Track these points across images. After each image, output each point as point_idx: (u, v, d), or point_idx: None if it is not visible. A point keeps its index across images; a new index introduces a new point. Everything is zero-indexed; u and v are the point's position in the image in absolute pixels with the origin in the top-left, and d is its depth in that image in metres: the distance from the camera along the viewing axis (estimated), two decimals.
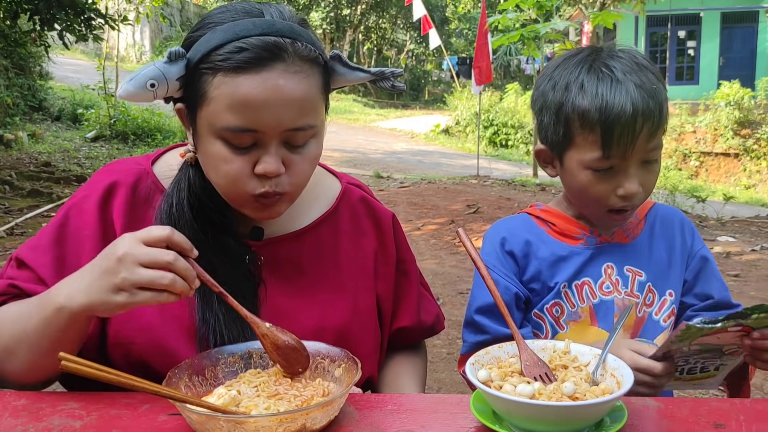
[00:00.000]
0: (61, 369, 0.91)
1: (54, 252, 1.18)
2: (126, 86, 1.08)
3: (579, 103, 1.21)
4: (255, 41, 1.05)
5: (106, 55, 13.10)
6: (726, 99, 15.77)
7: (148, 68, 1.08)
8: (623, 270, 1.33)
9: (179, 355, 1.12)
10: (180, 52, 1.08)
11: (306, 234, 1.28)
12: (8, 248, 5.62)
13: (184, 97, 1.13)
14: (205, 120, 1.09)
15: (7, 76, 11.68)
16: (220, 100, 1.06)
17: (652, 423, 1.00)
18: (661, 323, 1.33)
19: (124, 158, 1.33)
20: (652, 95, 1.19)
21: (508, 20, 10.38)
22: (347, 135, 16.23)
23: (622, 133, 1.17)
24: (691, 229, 1.40)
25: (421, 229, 7.14)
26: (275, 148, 1.09)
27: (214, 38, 1.07)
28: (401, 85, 1.22)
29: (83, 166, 9.87)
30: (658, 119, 1.19)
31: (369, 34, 27.86)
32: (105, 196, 1.21)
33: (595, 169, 1.23)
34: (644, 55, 1.27)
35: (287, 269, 1.26)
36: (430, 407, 1.06)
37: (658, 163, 1.26)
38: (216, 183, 1.15)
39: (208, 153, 1.12)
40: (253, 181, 1.10)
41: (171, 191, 1.19)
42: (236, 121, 1.06)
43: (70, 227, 1.20)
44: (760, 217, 8.61)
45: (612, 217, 1.28)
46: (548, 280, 1.33)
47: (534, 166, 11.78)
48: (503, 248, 1.35)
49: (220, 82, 1.06)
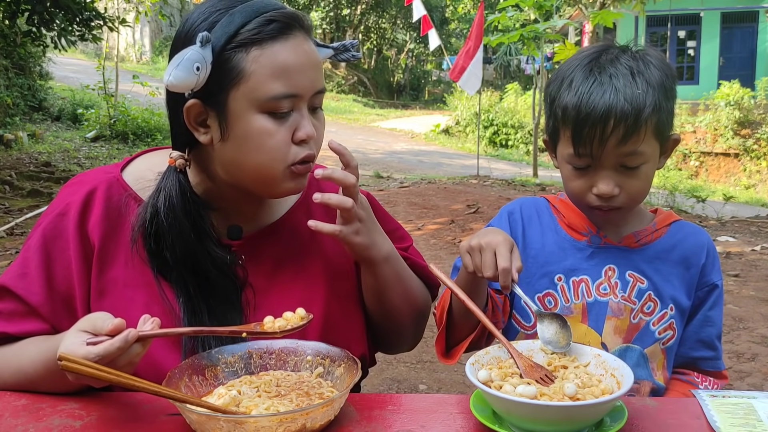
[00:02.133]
0: (63, 369, 0.91)
1: (43, 278, 1.16)
2: (175, 73, 1.07)
3: (563, 98, 1.24)
4: (277, 14, 1.11)
5: (106, 55, 13.10)
6: (726, 99, 15.77)
7: (188, 53, 1.07)
8: (625, 274, 1.32)
9: (166, 368, 1.09)
10: (209, 36, 1.08)
11: (281, 225, 1.29)
12: (8, 248, 5.63)
13: (204, 88, 1.11)
14: (244, 97, 1.10)
15: (7, 76, 11.68)
16: (261, 71, 1.09)
17: (652, 423, 1.01)
18: (657, 334, 1.32)
19: (90, 170, 1.31)
20: (631, 100, 1.17)
21: (507, 19, 10.38)
22: (347, 135, 16.23)
23: (590, 133, 1.19)
24: (714, 258, 1.38)
25: (422, 229, 7.13)
26: (307, 113, 1.15)
27: (235, 19, 1.10)
28: (358, 54, 1.27)
29: (83, 166, 9.87)
30: (633, 125, 1.17)
31: (369, 34, 27.84)
32: (81, 212, 1.19)
33: (572, 165, 1.26)
34: (658, 60, 1.25)
35: (268, 264, 1.26)
36: (430, 407, 1.06)
37: (645, 169, 1.23)
38: (255, 164, 1.13)
39: (249, 132, 1.11)
40: (294, 149, 1.14)
41: (158, 200, 1.16)
42: (281, 87, 1.10)
43: (55, 250, 1.17)
44: (760, 217, 8.60)
45: (595, 212, 1.29)
46: (543, 266, 1.34)
47: (534, 166, 11.77)
48: (509, 216, 1.41)
49: (257, 55, 1.09)
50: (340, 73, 25.70)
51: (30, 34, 8.57)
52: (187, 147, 1.19)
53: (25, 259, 1.17)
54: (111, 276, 1.18)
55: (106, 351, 0.96)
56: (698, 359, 1.37)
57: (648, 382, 1.32)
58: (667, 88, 1.23)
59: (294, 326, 1.07)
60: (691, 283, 1.35)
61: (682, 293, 1.34)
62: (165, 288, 1.17)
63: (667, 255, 1.34)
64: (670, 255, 1.34)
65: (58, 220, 1.19)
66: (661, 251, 1.34)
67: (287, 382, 1.09)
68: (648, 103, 1.18)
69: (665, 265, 1.34)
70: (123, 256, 1.19)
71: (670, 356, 1.35)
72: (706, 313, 1.36)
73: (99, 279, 1.17)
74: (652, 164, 1.25)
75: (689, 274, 1.35)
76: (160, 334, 1.03)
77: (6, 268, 1.22)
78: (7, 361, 1.13)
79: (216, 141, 1.14)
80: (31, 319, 1.15)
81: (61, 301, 1.16)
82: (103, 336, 0.99)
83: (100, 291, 1.17)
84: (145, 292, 1.17)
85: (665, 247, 1.35)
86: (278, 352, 1.15)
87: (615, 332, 1.31)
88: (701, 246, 1.37)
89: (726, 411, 1.03)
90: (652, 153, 1.23)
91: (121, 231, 1.19)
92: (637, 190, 1.25)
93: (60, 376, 0.98)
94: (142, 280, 1.17)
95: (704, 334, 1.36)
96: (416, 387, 3.39)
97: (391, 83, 29.04)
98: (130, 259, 1.18)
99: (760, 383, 3.39)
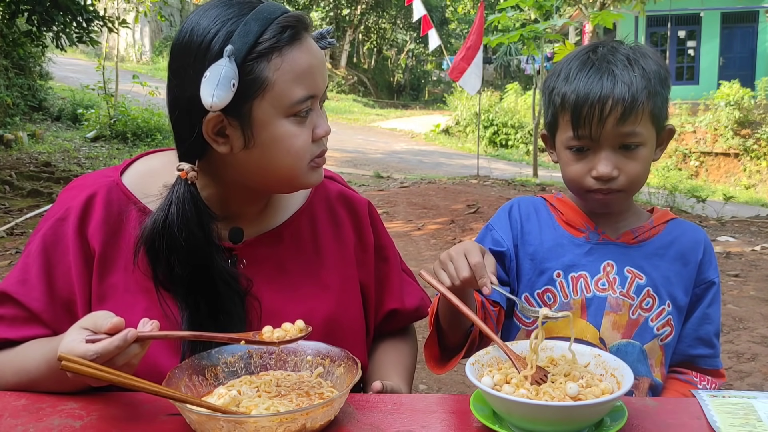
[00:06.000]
0: (63, 369, 0.91)
1: (44, 284, 1.15)
2: (218, 93, 1.05)
3: (562, 87, 1.28)
4: (288, 19, 1.12)
5: (106, 55, 13.10)
6: (726, 99, 15.78)
7: (222, 70, 1.05)
8: (623, 270, 1.33)
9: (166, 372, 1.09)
10: (234, 50, 1.07)
11: (284, 231, 1.29)
12: (8, 248, 5.63)
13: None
14: (270, 105, 1.11)
15: (7, 76, 11.68)
16: (285, 78, 1.11)
17: (652, 423, 1.01)
18: (655, 330, 1.33)
19: (89, 173, 1.30)
20: (629, 83, 1.21)
21: (507, 19, 10.38)
22: (347, 135, 16.23)
23: (589, 113, 1.22)
24: (711, 255, 1.39)
25: (422, 229, 7.13)
26: (320, 110, 1.19)
27: (252, 28, 1.09)
28: (334, 41, 1.28)
29: (83, 166, 9.88)
30: (630, 105, 1.20)
31: (369, 34, 27.86)
32: (81, 218, 1.18)
33: (571, 149, 1.28)
34: (652, 53, 1.29)
35: (269, 268, 1.25)
36: (430, 407, 1.06)
37: (643, 152, 1.25)
38: (282, 166, 1.15)
39: (276, 137, 1.13)
40: (313, 147, 1.18)
41: (170, 213, 1.13)
42: (303, 90, 1.13)
43: (55, 255, 1.17)
44: (760, 217, 8.61)
45: (593, 197, 1.29)
46: (542, 262, 1.35)
47: (534, 166, 11.77)
48: (509, 213, 1.43)
49: (278, 63, 1.10)
50: (340, 73, 25.69)
51: (30, 34, 8.57)
52: (197, 158, 1.16)
53: (26, 264, 1.17)
54: (112, 281, 1.17)
55: (104, 349, 0.97)
56: (696, 357, 1.38)
57: (647, 379, 1.33)
58: (662, 77, 1.26)
59: (292, 338, 1.07)
60: (689, 280, 1.36)
61: (680, 290, 1.35)
62: (164, 294, 1.17)
63: (664, 252, 1.35)
64: (667, 252, 1.35)
65: (57, 225, 1.18)
66: (658, 248, 1.35)
67: (287, 382, 1.09)
68: (644, 87, 1.22)
69: (663, 262, 1.35)
70: (123, 261, 1.18)
71: (667, 353, 1.36)
72: (704, 311, 1.37)
73: (100, 284, 1.17)
74: (649, 150, 1.27)
75: (686, 270, 1.36)
76: (159, 336, 1.03)
77: (6, 267, 1.22)
78: (9, 361, 1.13)
79: (237, 149, 1.13)
80: (32, 325, 1.15)
81: (61, 306, 1.16)
82: (102, 334, 0.99)
83: (101, 296, 1.16)
84: (146, 297, 1.17)
85: (662, 243, 1.36)
86: (278, 353, 1.15)
87: (613, 327, 1.31)
88: (698, 243, 1.38)
89: (726, 411, 1.03)
90: (649, 137, 1.26)
91: (122, 236, 1.19)
92: (636, 173, 1.26)
93: (62, 375, 0.98)
94: (142, 285, 1.17)
95: (702, 332, 1.37)
96: (416, 387, 3.39)
97: (391, 83, 29.06)
98: (131, 264, 1.17)
99: (760, 383, 3.39)
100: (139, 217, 1.19)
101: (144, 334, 1.00)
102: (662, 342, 1.34)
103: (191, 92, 1.08)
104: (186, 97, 1.11)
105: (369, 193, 9.17)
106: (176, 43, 1.14)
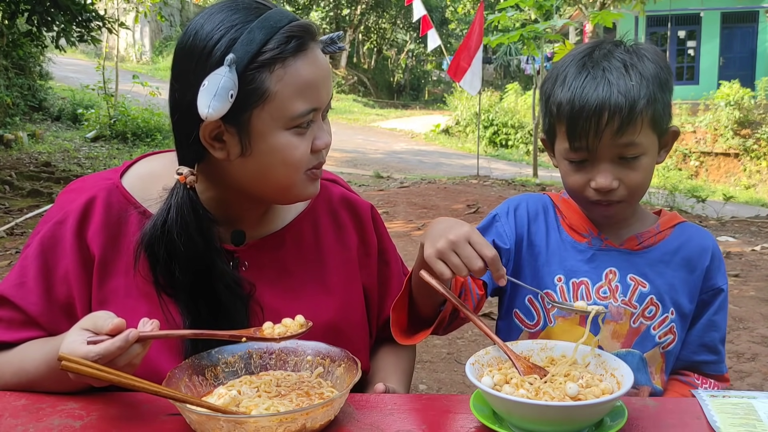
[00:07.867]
0: (63, 369, 0.91)
1: (41, 287, 1.15)
2: (214, 104, 1.04)
3: (557, 95, 1.23)
4: (294, 28, 1.10)
5: (106, 55, 13.10)
6: (726, 99, 15.77)
7: (221, 80, 1.04)
8: (626, 278, 1.30)
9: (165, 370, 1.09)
10: (236, 59, 1.06)
11: (286, 234, 1.28)
12: (8, 248, 5.62)
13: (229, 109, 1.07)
14: (270, 116, 1.09)
15: (7, 76, 11.67)
16: (286, 90, 1.08)
17: (652, 423, 1.00)
18: (657, 339, 1.30)
19: (89, 175, 1.29)
20: (624, 93, 1.16)
21: (507, 19, 10.37)
22: (347, 135, 16.21)
23: (584, 126, 1.18)
24: (719, 261, 1.36)
25: (422, 229, 7.13)
26: (322, 122, 1.16)
27: (256, 37, 1.07)
28: (344, 45, 1.26)
29: (83, 166, 9.87)
30: (627, 117, 1.16)
31: (369, 34, 27.85)
32: (80, 221, 1.17)
33: (569, 160, 1.25)
34: (652, 53, 1.24)
35: (272, 271, 1.25)
36: (430, 407, 1.06)
37: (644, 161, 1.22)
38: (278, 175, 1.13)
39: (273, 148, 1.11)
40: (312, 158, 1.16)
41: (169, 218, 1.13)
42: (305, 104, 1.11)
43: (53, 259, 1.16)
44: (760, 217, 8.60)
45: (596, 207, 1.27)
46: (545, 264, 1.33)
47: (534, 166, 11.77)
48: (516, 210, 1.39)
49: (281, 75, 1.08)
50: (340, 73, 25.68)
51: (30, 35, 8.57)
52: (196, 161, 1.15)
53: (23, 267, 1.16)
54: (112, 286, 1.17)
55: (106, 350, 0.97)
56: (701, 363, 1.36)
57: (647, 387, 1.30)
58: (662, 80, 1.21)
59: (293, 333, 1.07)
60: (695, 286, 1.33)
61: (685, 297, 1.32)
62: (166, 299, 1.17)
63: (670, 258, 1.32)
64: (673, 258, 1.32)
65: (56, 228, 1.17)
66: (664, 254, 1.32)
67: (287, 382, 1.09)
68: (642, 95, 1.17)
69: (668, 268, 1.31)
70: (124, 266, 1.18)
71: (669, 360, 1.34)
72: (710, 318, 1.34)
73: (100, 289, 1.16)
74: (650, 157, 1.23)
75: (692, 277, 1.32)
76: (160, 336, 1.03)
77: (6, 267, 1.22)
78: (7, 362, 1.13)
79: (234, 156, 1.12)
80: (29, 328, 1.14)
81: (59, 309, 1.15)
82: (103, 335, 0.99)
83: (101, 301, 1.16)
84: (147, 301, 1.17)
85: (668, 249, 1.33)
86: (278, 352, 1.15)
87: (612, 337, 1.29)
88: (705, 249, 1.34)
89: (726, 411, 1.03)
90: (649, 145, 1.22)
91: (122, 240, 1.18)
92: (637, 183, 1.22)
93: (62, 375, 0.98)
94: (143, 290, 1.17)
95: (708, 339, 1.35)
96: (416, 387, 3.39)
97: (391, 83, 29.04)
98: (131, 268, 1.17)
99: (760, 383, 3.39)
100: (139, 221, 1.18)
101: (145, 334, 1.00)
102: (664, 350, 1.31)
103: (191, 97, 1.07)
104: (186, 102, 1.10)
105: (369, 193, 9.17)
106: (179, 47, 1.13)
